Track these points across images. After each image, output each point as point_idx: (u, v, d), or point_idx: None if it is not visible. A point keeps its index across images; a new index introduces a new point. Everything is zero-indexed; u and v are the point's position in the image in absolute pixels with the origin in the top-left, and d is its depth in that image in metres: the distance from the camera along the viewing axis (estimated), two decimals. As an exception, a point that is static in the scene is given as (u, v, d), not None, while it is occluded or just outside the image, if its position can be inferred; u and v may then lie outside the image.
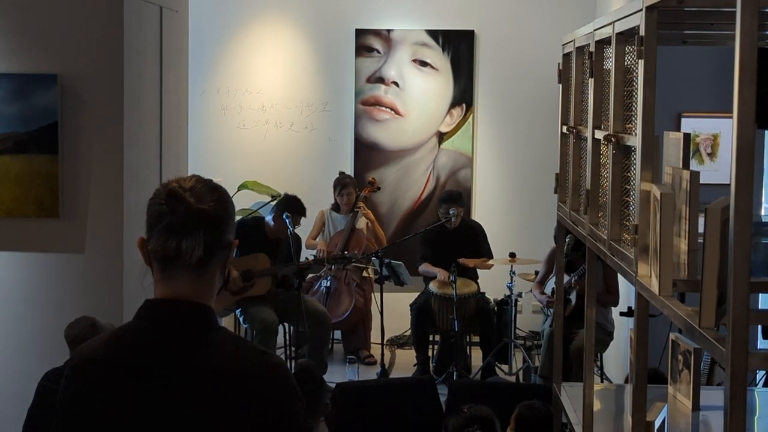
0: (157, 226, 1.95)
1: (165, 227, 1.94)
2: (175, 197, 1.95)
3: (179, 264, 1.95)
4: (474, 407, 4.22)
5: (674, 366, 3.93)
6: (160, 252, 1.95)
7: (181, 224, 1.93)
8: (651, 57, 2.60)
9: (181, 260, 1.94)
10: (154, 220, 1.96)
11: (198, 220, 1.94)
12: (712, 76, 6.02)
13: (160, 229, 1.94)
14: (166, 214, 1.94)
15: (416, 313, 7.30)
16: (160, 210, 1.95)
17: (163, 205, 1.95)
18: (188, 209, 1.94)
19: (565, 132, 4.17)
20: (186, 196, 1.95)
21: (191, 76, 6.99)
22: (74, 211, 5.43)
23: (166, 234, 1.94)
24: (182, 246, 1.93)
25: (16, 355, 5.47)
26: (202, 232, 1.94)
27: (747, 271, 1.83)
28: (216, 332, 1.98)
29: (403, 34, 8.41)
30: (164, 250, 1.94)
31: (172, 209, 1.94)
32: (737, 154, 1.84)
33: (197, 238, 1.94)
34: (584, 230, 3.59)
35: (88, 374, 1.96)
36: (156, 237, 1.95)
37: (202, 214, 1.95)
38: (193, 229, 1.94)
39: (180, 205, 1.94)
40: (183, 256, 1.94)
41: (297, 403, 1.96)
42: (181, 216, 1.93)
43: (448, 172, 8.47)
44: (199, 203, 1.95)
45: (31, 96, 5.35)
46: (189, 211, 1.94)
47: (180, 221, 1.93)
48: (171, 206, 1.94)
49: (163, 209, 1.94)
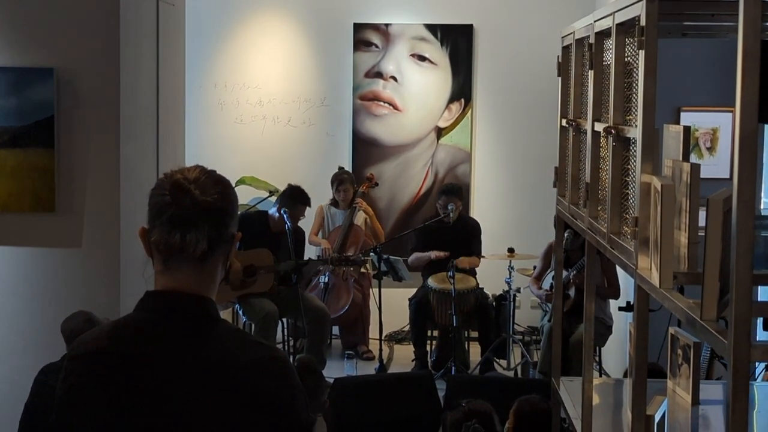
0: (160, 218, 1.92)
1: (169, 219, 1.91)
2: (179, 189, 1.92)
3: (182, 257, 1.92)
4: (472, 402, 4.21)
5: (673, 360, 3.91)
6: (164, 244, 1.92)
7: (185, 217, 1.91)
8: (652, 47, 2.58)
9: (184, 253, 1.92)
10: (157, 212, 1.93)
11: (202, 212, 1.92)
12: (711, 71, 6.01)
13: (164, 221, 1.91)
14: (170, 206, 1.91)
15: (415, 308, 7.29)
16: (163, 201, 1.92)
17: (167, 196, 1.92)
18: (193, 202, 1.91)
19: (565, 125, 4.16)
20: (191, 189, 1.92)
21: (188, 71, 6.97)
22: (71, 206, 5.41)
23: (170, 226, 1.91)
24: (186, 239, 1.90)
25: (13, 349, 5.45)
26: (207, 225, 1.92)
27: (750, 263, 1.82)
28: (217, 325, 1.97)
29: (401, 28, 8.38)
30: (168, 243, 1.91)
31: (177, 201, 1.91)
32: (740, 145, 1.82)
33: (201, 232, 1.91)
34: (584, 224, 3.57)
35: (89, 365, 1.95)
36: (159, 229, 1.92)
37: (207, 206, 1.92)
38: (197, 222, 1.91)
39: (185, 197, 1.91)
40: (186, 249, 1.91)
41: (299, 397, 1.95)
42: (185, 209, 1.91)
43: (447, 167, 8.45)
44: (204, 195, 1.93)
45: (27, 90, 5.33)
46: (194, 204, 1.91)
47: (184, 214, 1.91)
48: (175, 198, 1.91)
49: (167, 200, 1.92)
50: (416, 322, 7.29)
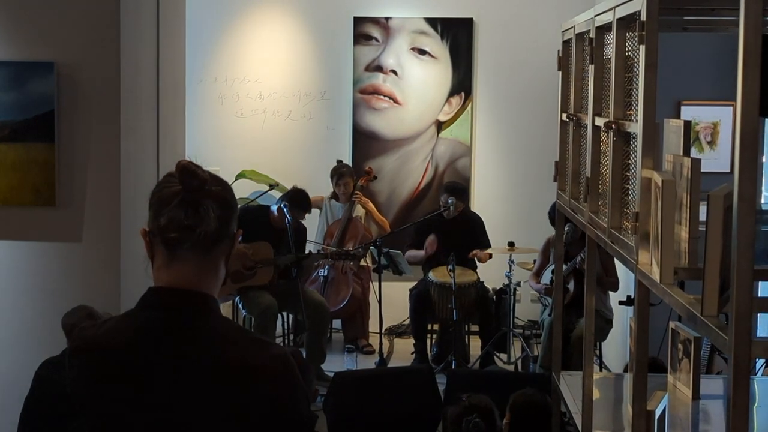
0: (168, 205, 1.92)
1: (179, 203, 1.92)
2: (188, 172, 1.92)
3: (191, 242, 1.91)
4: (473, 396, 4.21)
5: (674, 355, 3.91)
6: (174, 225, 1.91)
7: (195, 197, 1.92)
8: (652, 42, 2.58)
9: (194, 235, 1.91)
10: (165, 201, 1.93)
11: (211, 196, 1.93)
12: (711, 65, 6.00)
13: (173, 206, 1.91)
14: (179, 192, 1.92)
15: (415, 302, 7.29)
16: (170, 191, 1.93)
17: (174, 185, 1.93)
18: (201, 184, 1.93)
19: (565, 119, 4.16)
20: (199, 172, 1.93)
21: (189, 65, 6.96)
22: (71, 200, 5.41)
23: (180, 207, 1.91)
24: (200, 212, 1.91)
25: (13, 344, 5.45)
26: (216, 207, 1.93)
27: (750, 259, 1.81)
28: (219, 322, 1.97)
29: (401, 22, 8.37)
30: (178, 224, 1.91)
31: (187, 184, 1.92)
32: (741, 140, 1.82)
33: (212, 210, 1.92)
34: (584, 218, 3.57)
35: (90, 359, 1.95)
36: (168, 214, 1.91)
37: (214, 194, 1.94)
38: (207, 202, 1.92)
39: (194, 180, 1.92)
40: (197, 228, 1.90)
41: (300, 393, 1.95)
42: (195, 191, 1.92)
43: (447, 161, 8.45)
44: (211, 184, 1.95)
45: (27, 84, 5.32)
46: (202, 185, 1.93)
47: (195, 195, 1.92)
48: (185, 181, 1.92)
49: (175, 189, 1.92)
50: (416, 315, 7.29)
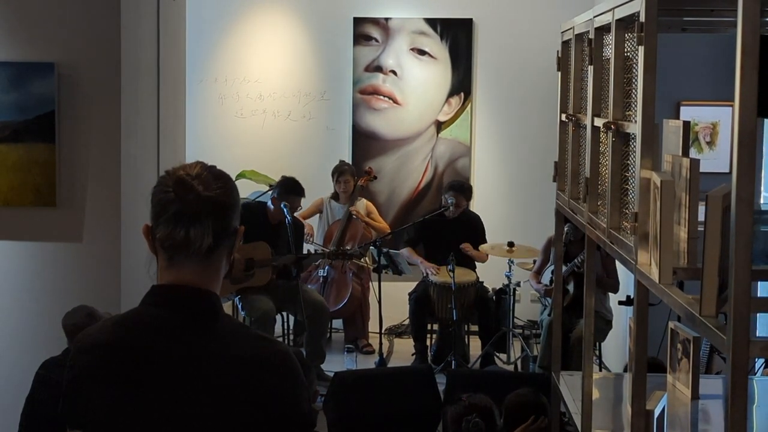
0: (164, 215, 1.93)
1: (173, 215, 1.92)
2: (183, 185, 1.93)
3: (187, 252, 1.93)
4: (473, 396, 4.21)
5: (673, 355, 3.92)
6: (169, 240, 1.93)
7: (189, 213, 1.92)
8: (651, 43, 2.59)
9: (189, 249, 1.93)
10: (161, 208, 1.94)
11: (206, 207, 1.93)
12: (711, 65, 6.00)
13: (168, 218, 1.92)
14: (174, 202, 1.92)
15: (415, 302, 7.30)
16: (167, 198, 1.93)
17: (171, 192, 1.93)
18: (196, 197, 1.92)
19: (564, 120, 4.16)
20: (194, 184, 1.93)
21: (189, 65, 6.96)
22: (72, 200, 5.41)
23: (175, 222, 1.92)
24: (191, 234, 1.92)
25: (14, 344, 5.46)
26: (211, 219, 1.93)
27: (748, 259, 1.82)
28: (221, 319, 1.98)
29: (401, 22, 8.38)
30: (173, 239, 1.92)
31: (181, 197, 1.92)
32: (739, 141, 1.83)
33: (206, 226, 1.92)
34: (583, 218, 3.58)
35: (94, 357, 1.95)
36: (164, 225, 1.93)
37: (210, 201, 1.94)
38: (201, 217, 1.92)
39: (188, 193, 1.92)
40: (192, 244, 1.92)
41: (301, 391, 1.97)
42: (189, 204, 1.92)
43: (447, 161, 8.45)
44: (207, 190, 1.94)
45: (28, 84, 5.33)
46: (197, 199, 1.92)
47: (188, 210, 1.92)
48: (179, 194, 1.92)
49: (171, 197, 1.93)
50: (416, 315, 7.29)
